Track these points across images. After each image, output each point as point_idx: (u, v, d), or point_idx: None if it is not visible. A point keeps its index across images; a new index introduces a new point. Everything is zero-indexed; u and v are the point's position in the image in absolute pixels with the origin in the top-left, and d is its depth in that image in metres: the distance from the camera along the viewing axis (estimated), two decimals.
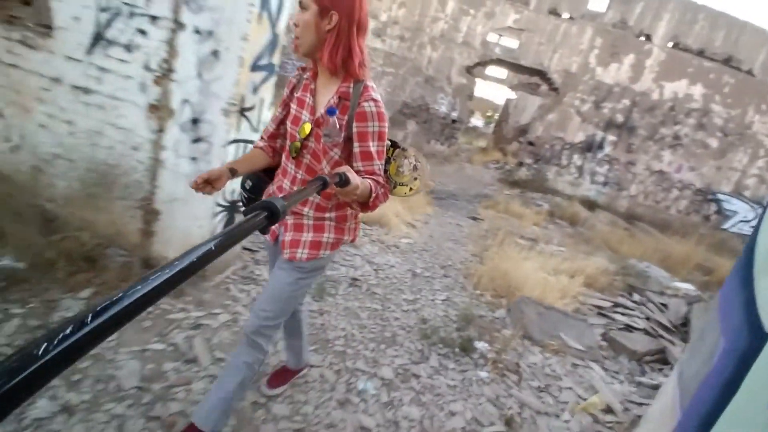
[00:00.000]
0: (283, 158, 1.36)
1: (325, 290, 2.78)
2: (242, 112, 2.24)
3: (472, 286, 3.59)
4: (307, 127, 1.26)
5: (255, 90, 2.30)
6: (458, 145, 12.17)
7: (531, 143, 10.83)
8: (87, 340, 0.33)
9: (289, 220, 1.35)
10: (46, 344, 0.30)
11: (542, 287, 3.49)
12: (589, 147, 10.58)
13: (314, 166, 1.30)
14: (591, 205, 9.79)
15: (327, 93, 1.27)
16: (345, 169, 1.03)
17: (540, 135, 10.72)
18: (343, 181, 1.01)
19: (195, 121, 2.19)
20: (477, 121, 22.93)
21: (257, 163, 1.41)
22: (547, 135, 10.67)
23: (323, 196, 1.31)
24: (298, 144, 1.28)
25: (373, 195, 1.20)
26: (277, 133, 1.42)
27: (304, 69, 1.34)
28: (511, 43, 10.76)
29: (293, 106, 1.32)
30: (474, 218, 6.30)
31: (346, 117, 1.24)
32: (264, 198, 1.29)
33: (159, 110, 2.21)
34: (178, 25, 2.10)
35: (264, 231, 0.53)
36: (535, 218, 7.20)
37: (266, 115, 2.51)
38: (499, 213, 7.06)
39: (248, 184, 1.44)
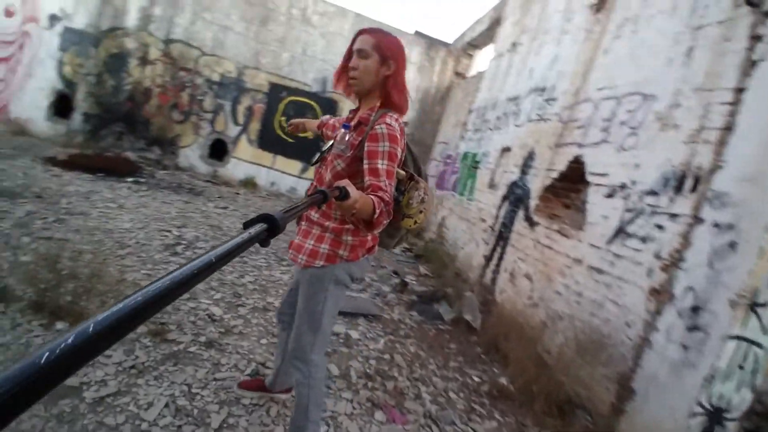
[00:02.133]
0: None
1: None
2: (753, 306, 1.95)
3: None
4: (330, 142, 1.52)
5: None
6: None
7: None
8: (88, 349, 0.33)
9: (303, 225, 1.56)
10: (47, 353, 0.30)
11: None
12: None
13: (323, 174, 1.51)
14: None
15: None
16: (345, 183, 1.06)
17: None
18: (343, 195, 1.04)
19: (695, 309, 2.12)
20: None
21: (309, 127, 1.96)
22: None
23: (327, 205, 1.45)
24: (319, 153, 1.57)
25: (377, 212, 1.20)
26: (322, 125, 1.91)
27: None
28: None
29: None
30: None
31: (360, 138, 1.40)
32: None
33: (659, 294, 2.34)
34: (697, 220, 2.24)
35: (264, 243, 0.62)
36: None
37: None
38: None
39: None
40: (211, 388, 2.01)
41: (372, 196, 1.21)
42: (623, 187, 2.81)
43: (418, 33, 8.73)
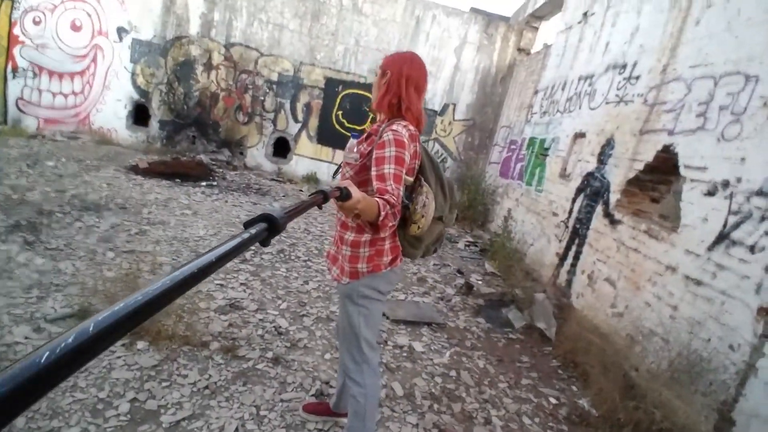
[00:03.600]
0: None
1: None
2: None
3: None
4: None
5: None
6: None
7: None
8: (88, 349, 0.33)
9: (334, 234, 1.63)
10: (48, 353, 0.30)
11: None
12: None
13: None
14: None
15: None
16: (347, 183, 1.08)
17: None
18: (344, 196, 1.05)
19: None
20: None
21: None
22: None
23: (345, 214, 1.43)
24: (337, 167, 1.61)
25: (382, 214, 1.22)
26: None
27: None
28: None
29: None
30: None
31: (370, 148, 1.43)
32: None
33: None
34: None
35: (264, 243, 0.60)
36: None
37: None
38: None
39: None
40: (278, 410, 2.05)
41: (377, 199, 1.23)
42: (726, 185, 2.41)
43: (474, 10, 8.22)
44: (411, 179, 1.48)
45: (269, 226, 0.62)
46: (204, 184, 6.50)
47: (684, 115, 2.87)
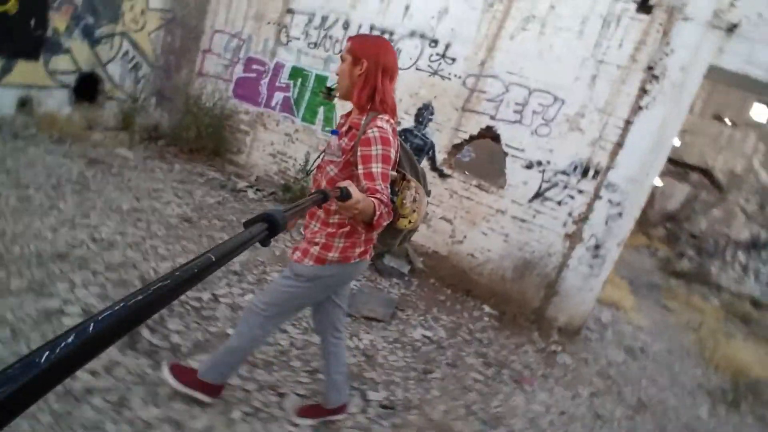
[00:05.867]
0: None
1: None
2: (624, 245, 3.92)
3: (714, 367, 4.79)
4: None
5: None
6: None
7: (694, 236, 11.49)
8: (88, 349, 0.33)
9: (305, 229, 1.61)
10: (47, 352, 0.30)
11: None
12: (754, 245, 10.94)
13: (318, 180, 1.60)
14: (755, 303, 10.06)
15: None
16: (347, 183, 1.11)
17: (704, 230, 11.37)
18: (344, 195, 1.08)
19: (597, 247, 3.93)
20: None
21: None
22: (711, 230, 11.27)
23: (326, 214, 1.53)
24: (315, 159, 1.68)
25: (377, 214, 1.24)
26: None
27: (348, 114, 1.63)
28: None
29: None
30: (666, 308, 7.36)
31: (352, 143, 1.47)
32: None
33: (572, 237, 4.01)
34: (597, 197, 3.90)
35: (264, 243, 0.64)
36: (715, 313, 7.96)
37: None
38: (682, 305, 7.96)
39: None
40: None
41: (372, 199, 1.26)
42: (540, 163, 4.12)
43: None
44: (394, 173, 1.52)
45: (269, 227, 0.63)
46: None
47: (503, 108, 4.25)
